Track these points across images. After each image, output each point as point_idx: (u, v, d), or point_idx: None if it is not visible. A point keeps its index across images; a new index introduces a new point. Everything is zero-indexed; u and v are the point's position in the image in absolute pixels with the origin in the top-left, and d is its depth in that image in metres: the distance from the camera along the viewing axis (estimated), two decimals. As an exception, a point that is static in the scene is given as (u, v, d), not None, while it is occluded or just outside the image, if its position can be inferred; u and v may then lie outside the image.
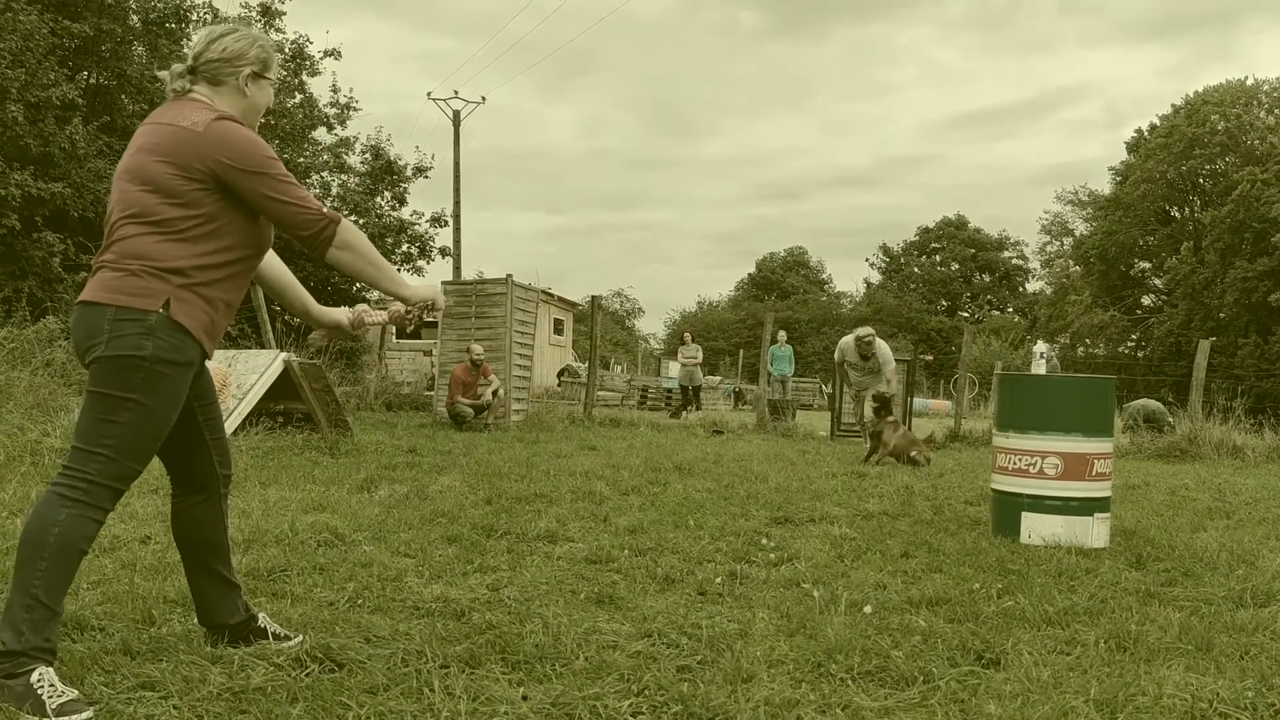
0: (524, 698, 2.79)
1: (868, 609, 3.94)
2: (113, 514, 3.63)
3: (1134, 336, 52.67)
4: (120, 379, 2.71)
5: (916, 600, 4.12)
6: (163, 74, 2.97)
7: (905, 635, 3.55)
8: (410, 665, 3.02)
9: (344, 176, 23.20)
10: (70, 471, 2.73)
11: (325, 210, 2.86)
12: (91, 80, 18.00)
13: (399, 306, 3.14)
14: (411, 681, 2.87)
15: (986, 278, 72.01)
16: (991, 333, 54.34)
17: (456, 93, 34.39)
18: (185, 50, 2.84)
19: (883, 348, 11.36)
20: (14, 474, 6.81)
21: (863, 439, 11.80)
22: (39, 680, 2.57)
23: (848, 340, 11.64)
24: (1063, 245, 62.56)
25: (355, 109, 23.06)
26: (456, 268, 30.46)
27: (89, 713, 2.55)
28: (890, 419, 10.80)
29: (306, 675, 2.91)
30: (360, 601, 3.84)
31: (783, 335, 21.14)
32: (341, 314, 3.36)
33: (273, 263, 3.18)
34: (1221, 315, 44.52)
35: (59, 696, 2.55)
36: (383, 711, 2.64)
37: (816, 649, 3.32)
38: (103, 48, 17.43)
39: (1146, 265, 53.67)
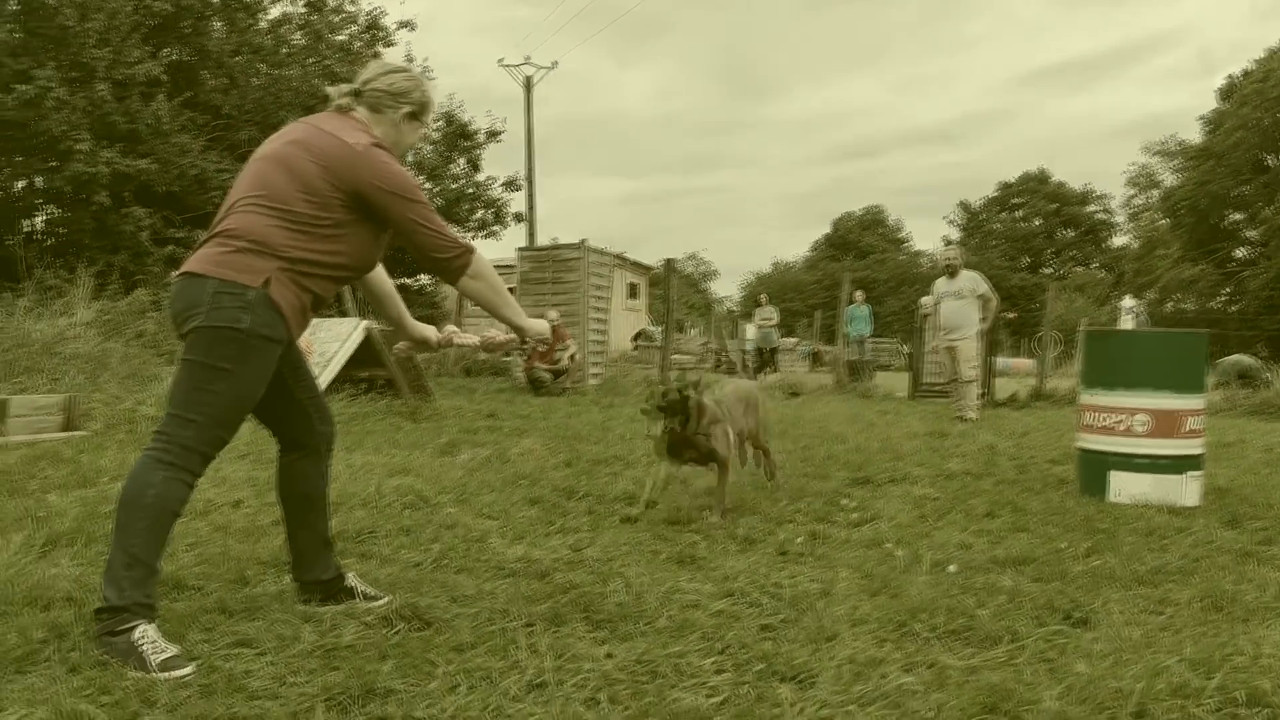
0: (608, 655, 2.82)
1: (952, 568, 3.90)
2: (205, 479, 3.75)
3: (1226, 290, 50.81)
4: (216, 349, 2.80)
5: (1001, 560, 4.07)
6: (330, 90, 3.20)
7: (990, 594, 3.51)
8: (496, 624, 3.07)
9: (419, 144, 23.37)
10: (165, 436, 2.83)
11: (462, 241, 3.05)
12: (173, 57, 18.36)
13: (493, 333, 3.46)
14: (497, 639, 2.91)
15: (1070, 233, 70.04)
16: (1076, 289, 52.96)
17: (528, 58, 34.37)
18: (348, 76, 3.22)
19: (971, 272, 11.17)
20: (112, 441, 7.05)
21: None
22: (141, 637, 2.67)
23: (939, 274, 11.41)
24: (1150, 198, 60.57)
25: (429, 79, 23.17)
26: (530, 234, 30.58)
27: (190, 668, 2.64)
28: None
29: (395, 633, 2.97)
30: (445, 562, 3.91)
31: (860, 295, 20.91)
32: (431, 331, 3.57)
33: (380, 275, 3.37)
34: (1320, 267, 42.72)
35: (162, 652, 2.64)
36: (470, 668, 2.69)
37: (900, 608, 3.30)
38: (183, 24, 17.75)
39: (1239, 216, 51.57)
